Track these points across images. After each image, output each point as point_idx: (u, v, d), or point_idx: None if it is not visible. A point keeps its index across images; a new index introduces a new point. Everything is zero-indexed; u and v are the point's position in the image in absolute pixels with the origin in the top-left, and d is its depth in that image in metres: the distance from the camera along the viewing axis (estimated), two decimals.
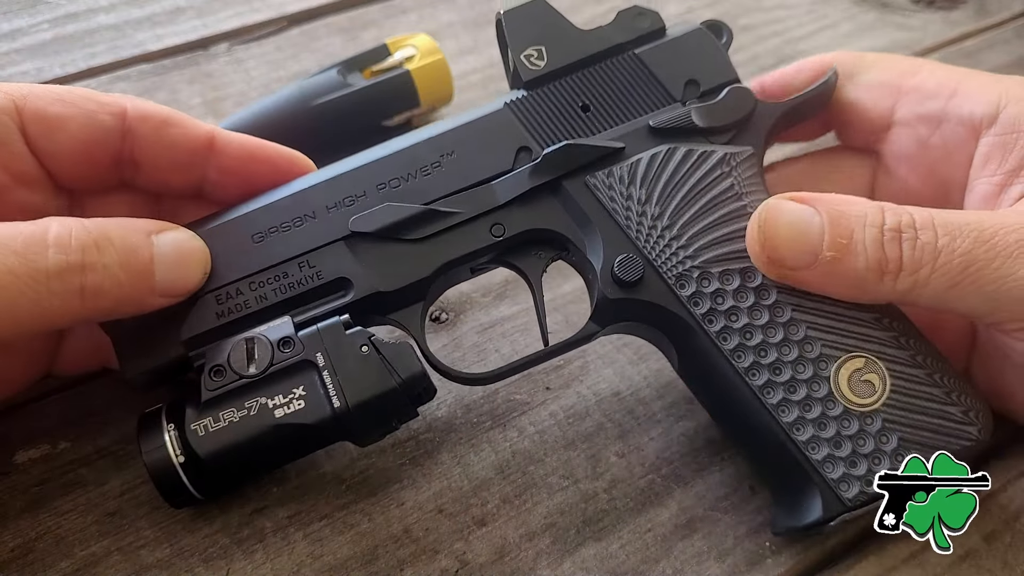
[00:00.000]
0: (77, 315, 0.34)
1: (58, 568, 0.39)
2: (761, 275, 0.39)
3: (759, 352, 0.38)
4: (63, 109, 0.38)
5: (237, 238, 0.40)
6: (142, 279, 0.36)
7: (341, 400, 0.37)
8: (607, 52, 0.44)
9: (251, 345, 0.38)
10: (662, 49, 0.44)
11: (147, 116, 0.40)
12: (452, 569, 0.40)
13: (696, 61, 0.44)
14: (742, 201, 0.40)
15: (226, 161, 0.41)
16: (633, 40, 0.44)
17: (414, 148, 0.42)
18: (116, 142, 0.39)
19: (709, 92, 0.43)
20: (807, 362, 0.37)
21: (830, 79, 0.44)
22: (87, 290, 0.34)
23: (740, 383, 0.38)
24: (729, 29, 0.45)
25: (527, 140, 0.42)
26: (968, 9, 0.72)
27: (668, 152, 0.41)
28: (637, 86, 0.43)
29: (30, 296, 0.33)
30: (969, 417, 0.37)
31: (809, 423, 0.37)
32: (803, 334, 0.38)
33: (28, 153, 0.38)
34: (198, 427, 0.36)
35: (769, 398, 0.37)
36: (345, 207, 0.40)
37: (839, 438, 0.37)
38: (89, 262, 0.34)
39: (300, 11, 0.66)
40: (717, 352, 0.38)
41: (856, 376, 0.37)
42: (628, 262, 0.39)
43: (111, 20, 0.63)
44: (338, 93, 0.53)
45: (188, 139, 0.40)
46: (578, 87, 0.43)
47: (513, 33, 0.43)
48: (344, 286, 0.40)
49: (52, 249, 0.33)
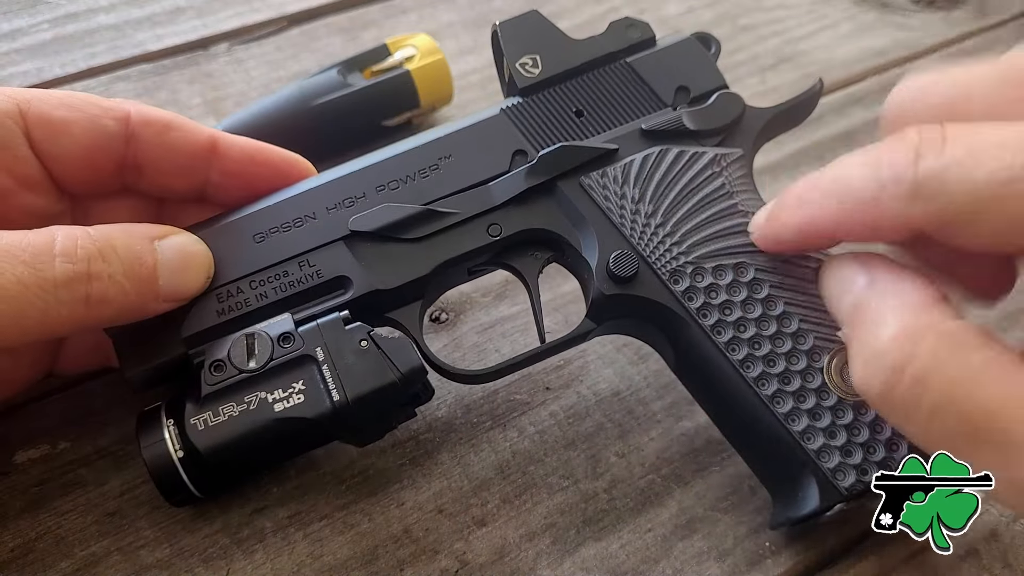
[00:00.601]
0: (82, 323, 0.35)
1: (58, 568, 0.39)
2: (754, 270, 0.39)
3: (753, 345, 0.38)
4: (67, 113, 0.39)
5: (238, 238, 0.40)
6: (146, 285, 0.36)
7: (340, 394, 0.37)
8: (599, 60, 0.45)
9: (251, 340, 0.38)
10: (653, 58, 0.45)
11: (150, 121, 0.40)
12: (452, 569, 0.40)
13: (686, 69, 0.45)
14: (733, 199, 0.41)
15: (228, 164, 0.41)
16: (625, 49, 0.45)
17: (412, 151, 0.42)
18: (120, 147, 0.40)
19: (699, 98, 0.44)
20: (801, 354, 0.38)
21: (815, 88, 0.46)
22: (92, 298, 0.34)
23: (735, 376, 0.38)
24: (717, 40, 0.47)
25: (523, 143, 0.43)
26: (968, 9, 0.72)
27: (660, 153, 0.42)
28: (629, 92, 0.44)
29: (38, 306, 0.33)
30: None
31: (804, 413, 0.37)
32: (796, 327, 0.38)
33: (32, 157, 0.39)
34: (197, 421, 0.36)
35: (764, 390, 0.38)
36: (345, 208, 0.41)
37: (834, 428, 0.37)
38: (95, 271, 0.34)
39: (300, 11, 0.66)
40: (712, 346, 0.39)
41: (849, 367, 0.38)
42: (623, 258, 0.40)
43: (111, 20, 0.63)
44: (338, 93, 0.53)
45: (190, 143, 0.41)
46: (572, 93, 0.44)
47: (508, 42, 0.44)
48: (343, 284, 0.40)
49: (59, 259, 0.34)
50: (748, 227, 0.39)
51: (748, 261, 0.40)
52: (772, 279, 0.39)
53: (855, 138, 0.61)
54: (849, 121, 0.62)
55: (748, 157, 0.43)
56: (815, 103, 0.46)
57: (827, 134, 0.61)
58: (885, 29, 0.69)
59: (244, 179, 0.42)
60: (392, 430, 0.41)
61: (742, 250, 0.40)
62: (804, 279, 0.39)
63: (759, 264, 0.39)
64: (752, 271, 0.39)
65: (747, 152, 0.43)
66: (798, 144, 0.60)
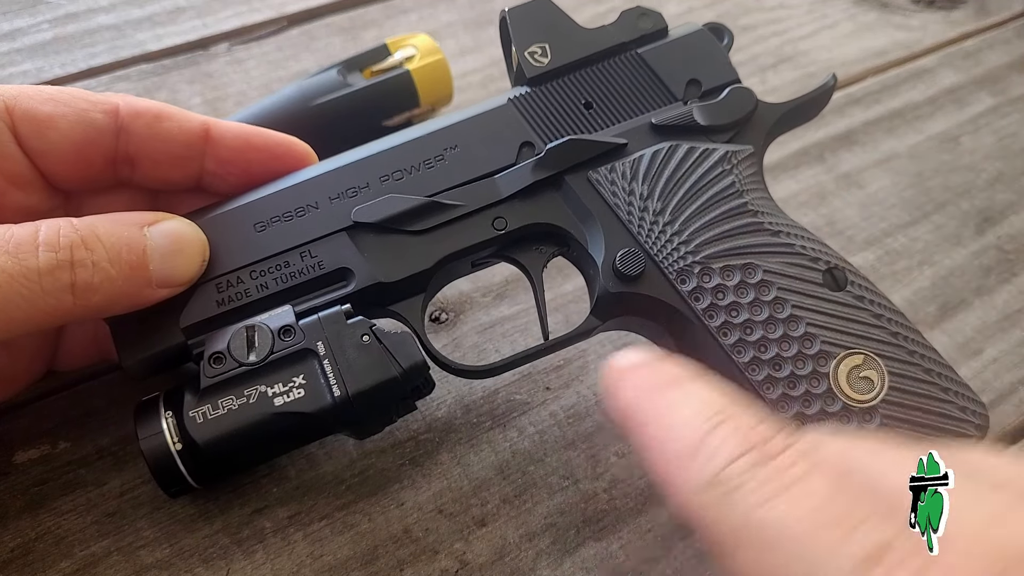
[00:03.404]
0: (71, 312, 0.35)
1: (58, 568, 0.39)
2: (762, 271, 0.39)
3: (759, 348, 0.38)
4: (54, 109, 0.38)
5: (239, 227, 0.40)
6: (136, 272, 0.36)
7: (341, 389, 0.37)
8: (610, 51, 0.44)
9: (251, 333, 0.37)
10: (664, 49, 0.44)
11: (140, 112, 0.39)
12: (452, 569, 0.40)
13: (698, 61, 0.44)
14: (743, 198, 0.41)
15: (223, 152, 0.41)
16: (636, 40, 0.44)
17: (418, 141, 0.42)
18: (110, 140, 0.39)
19: (710, 92, 0.44)
20: (806, 358, 0.38)
21: (828, 82, 0.45)
22: (77, 286, 0.34)
23: (739, 378, 0.38)
24: (730, 32, 0.46)
25: (530, 135, 0.42)
26: (968, 9, 0.72)
27: (670, 149, 0.41)
28: (639, 85, 0.44)
29: (24, 295, 0.33)
30: (967, 414, 0.37)
31: (808, 419, 0.37)
32: (803, 330, 0.38)
33: (20, 154, 0.38)
34: (196, 414, 0.36)
35: (768, 393, 0.37)
36: (348, 198, 0.41)
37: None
38: (78, 259, 0.34)
39: (300, 11, 0.66)
40: (717, 347, 0.38)
41: (855, 373, 0.37)
42: (630, 256, 0.40)
43: (111, 20, 0.63)
44: (338, 93, 0.53)
45: (183, 132, 0.40)
46: (581, 84, 0.43)
47: (518, 30, 0.43)
48: (345, 276, 0.40)
49: (42, 248, 0.34)
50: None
51: (756, 262, 0.39)
52: (780, 281, 0.39)
53: (855, 138, 0.61)
54: (849, 121, 0.62)
55: (759, 154, 0.43)
56: (828, 98, 0.46)
57: (827, 134, 0.61)
58: (885, 29, 0.69)
59: (240, 165, 0.41)
60: (392, 423, 0.41)
61: (750, 251, 0.39)
62: (813, 282, 0.39)
63: (767, 265, 0.39)
64: (760, 272, 0.39)
65: (758, 149, 0.43)
66: (798, 144, 0.60)
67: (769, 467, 0.27)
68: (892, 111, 0.63)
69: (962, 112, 0.64)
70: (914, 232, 0.56)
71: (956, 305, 0.52)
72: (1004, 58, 0.68)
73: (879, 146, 0.61)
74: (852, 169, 0.59)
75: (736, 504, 0.26)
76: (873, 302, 0.39)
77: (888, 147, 0.61)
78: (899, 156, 0.60)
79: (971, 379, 0.48)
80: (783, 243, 0.40)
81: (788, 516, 0.25)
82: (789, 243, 0.40)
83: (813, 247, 0.40)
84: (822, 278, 0.39)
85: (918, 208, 0.57)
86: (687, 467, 0.28)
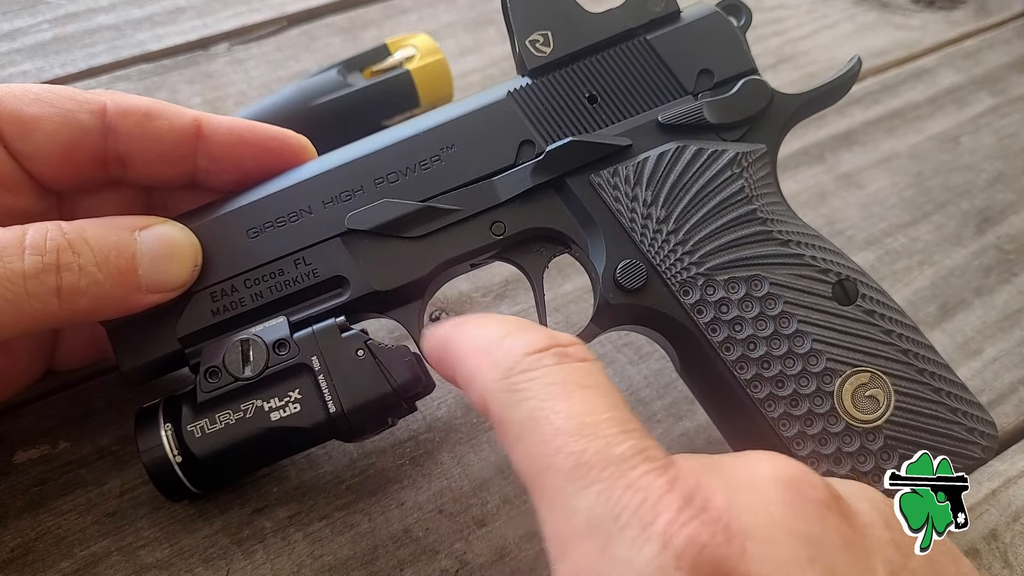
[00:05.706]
0: (57, 316, 0.34)
1: (58, 568, 0.39)
2: (768, 284, 0.38)
3: (762, 364, 0.37)
4: (40, 110, 0.37)
5: (232, 233, 0.39)
6: (124, 276, 0.36)
7: (336, 404, 0.37)
8: (617, 38, 0.41)
9: (246, 347, 0.37)
10: (675, 35, 0.41)
11: (128, 111, 0.39)
12: (452, 569, 0.40)
13: (711, 49, 0.41)
14: (752, 204, 0.39)
15: (215, 148, 0.40)
16: (645, 24, 0.42)
17: (413, 140, 0.40)
18: (97, 140, 0.38)
19: (723, 83, 0.41)
20: (811, 376, 0.37)
21: (853, 68, 0.42)
22: (63, 290, 0.34)
23: (742, 395, 0.37)
24: (748, 8, 0.42)
25: (530, 133, 0.40)
26: (968, 9, 0.72)
27: (677, 151, 0.39)
28: (647, 76, 0.41)
29: (9, 298, 0.33)
30: (974, 435, 0.37)
31: (810, 439, 0.36)
32: (808, 347, 0.37)
33: (6, 156, 0.38)
34: (194, 428, 0.36)
35: (770, 412, 0.37)
36: (342, 202, 0.39)
37: (839, 455, 0.36)
38: (64, 262, 0.34)
39: (300, 11, 0.66)
40: (719, 362, 0.38)
41: (860, 391, 0.37)
42: (631, 268, 0.38)
43: (111, 20, 0.63)
44: (338, 93, 0.53)
45: (173, 129, 0.39)
46: (585, 76, 0.41)
47: (519, 16, 0.41)
48: (340, 284, 0.39)
49: (28, 251, 0.33)
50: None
51: (763, 274, 0.38)
52: (787, 295, 0.38)
53: (855, 138, 0.61)
54: (849, 121, 0.62)
55: (772, 153, 0.41)
56: (850, 86, 0.43)
57: (827, 134, 0.61)
58: (885, 29, 0.69)
59: (234, 161, 0.40)
60: (392, 427, 0.41)
61: (757, 262, 0.38)
62: (822, 295, 0.38)
63: (774, 278, 0.38)
64: (767, 285, 0.38)
65: (772, 147, 0.40)
66: (798, 144, 0.60)
67: (564, 363, 0.29)
68: (892, 111, 0.63)
69: (962, 112, 0.64)
70: (914, 232, 0.56)
71: (956, 305, 0.52)
72: (1004, 58, 0.68)
73: (879, 146, 0.61)
74: (852, 169, 0.59)
75: (525, 398, 0.28)
76: (884, 316, 0.38)
77: (888, 147, 0.61)
78: (899, 156, 0.60)
79: (971, 379, 0.48)
80: (792, 253, 0.38)
81: (567, 411, 0.28)
82: (799, 253, 0.38)
83: (824, 257, 0.39)
84: (831, 291, 0.38)
85: (918, 208, 0.57)
86: (488, 357, 0.30)
